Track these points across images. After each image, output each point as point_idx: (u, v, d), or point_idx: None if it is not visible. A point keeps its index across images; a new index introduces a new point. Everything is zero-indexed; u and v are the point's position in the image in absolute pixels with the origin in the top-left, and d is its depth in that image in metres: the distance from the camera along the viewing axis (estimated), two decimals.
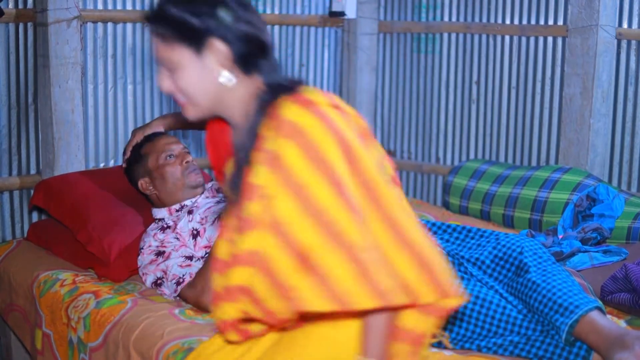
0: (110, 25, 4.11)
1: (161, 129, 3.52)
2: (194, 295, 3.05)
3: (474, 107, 4.69)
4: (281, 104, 1.99)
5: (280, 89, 2.05)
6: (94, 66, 4.08)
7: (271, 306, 1.99)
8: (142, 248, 3.25)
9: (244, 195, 2.01)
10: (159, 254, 3.20)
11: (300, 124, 1.94)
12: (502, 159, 4.57)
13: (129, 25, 4.17)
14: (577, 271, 3.14)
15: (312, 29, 4.89)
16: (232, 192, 2.08)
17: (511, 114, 4.52)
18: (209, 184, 3.54)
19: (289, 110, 1.97)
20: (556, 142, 4.33)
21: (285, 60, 4.79)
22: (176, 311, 3.00)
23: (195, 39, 2.02)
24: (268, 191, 1.96)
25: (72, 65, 3.87)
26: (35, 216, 4.02)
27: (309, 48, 4.88)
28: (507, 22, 4.49)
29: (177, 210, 3.36)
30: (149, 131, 3.48)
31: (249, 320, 2.12)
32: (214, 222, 3.28)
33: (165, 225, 3.32)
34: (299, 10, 4.75)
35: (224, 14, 2.02)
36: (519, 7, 4.43)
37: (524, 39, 4.42)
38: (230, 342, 2.21)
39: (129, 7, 4.16)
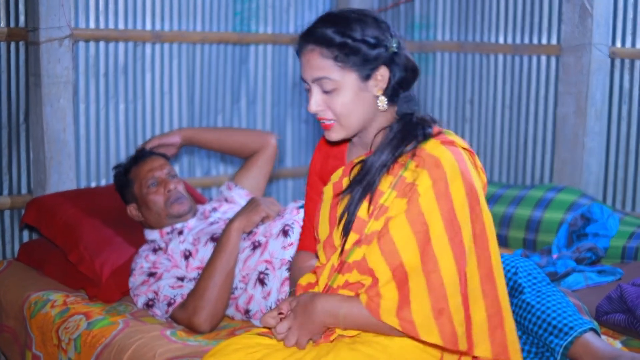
0: (102, 44, 4.10)
1: (177, 140, 3.52)
2: (186, 316, 3.03)
3: (467, 126, 4.68)
4: (426, 139, 2.17)
5: (419, 121, 2.21)
6: (85, 85, 4.07)
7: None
8: (134, 269, 3.22)
9: (360, 208, 2.18)
10: (151, 274, 3.18)
11: (441, 159, 2.11)
12: (495, 178, 4.56)
13: (121, 44, 4.16)
14: (572, 291, 3.12)
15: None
16: (347, 192, 2.23)
17: (505, 133, 4.52)
18: (203, 207, 3.50)
19: (433, 146, 2.14)
20: (550, 161, 4.32)
21: (279, 80, 4.79)
22: (168, 332, 2.98)
23: (367, 67, 2.16)
24: (391, 213, 2.13)
25: (63, 84, 3.86)
26: (26, 236, 3.99)
27: None
28: (501, 41, 4.49)
29: (169, 233, 3.34)
30: (165, 140, 3.48)
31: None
32: (206, 243, 3.26)
33: (157, 247, 3.29)
34: (292, 29, 4.74)
35: (395, 44, 2.18)
36: (512, 26, 4.44)
37: (517, 58, 4.42)
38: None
39: (121, 26, 4.16)
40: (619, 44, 4.06)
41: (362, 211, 2.19)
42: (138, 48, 4.23)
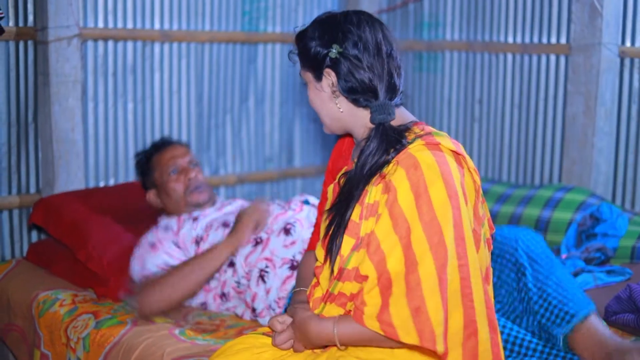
0: (110, 43, 4.10)
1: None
2: (142, 296, 3.10)
3: (476, 125, 4.67)
4: (412, 140, 2.21)
5: (394, 133, 2.24)
6: (94, 84, 4.07)
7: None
8: (139, 243, 3.31)
9: (352, 207, 2.21)
10: (152, 246, 3.24)
11: (419, 161, 2.13)
12: (504, 177, 4.55)
13: (130, 43, 4.16)
14: None
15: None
16: (333, 209, 2.27)
17: (514, 133, 4.51)
18: (222, 200, 3.53)
19: (416, 148, 2.17)
20: (559, 161, 4.31)
21: (287, 79, 4.79)
22: (176, 331, 3.00)
23: (314, 66, 2.32)
24: (380, 210, 2.15)
25: (72, 83, 3.86)
26: (34, 236, 3.99)
27: None
28: (510, 40, 4.48)
29: (185, 220, 3.37)
30: None
31: None
32: (217, 228, 3.27)
33: (168, 227, 3.33)
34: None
35: (333, 50, 2.26)
36: (521, 25, 4.42)
37: (526, 57, 4.40)
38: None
39: (129, 25, 4.16)
40: (628, 44, 4.04)
41: (354, 214, 2.21)
42: (147, 47, 4.23)
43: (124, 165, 4.21)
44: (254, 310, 3.12)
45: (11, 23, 3.82)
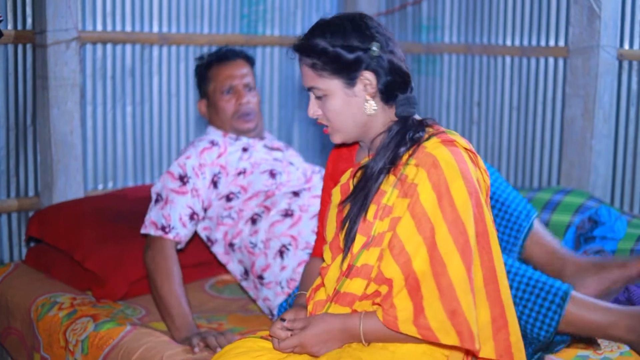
0: (109, 46, 4.10)
1: None
2: (147, 249, 3.16)
3: (475, 128, 4.67)
4: (427, 138, 2.21)
5: (416, 124, 2.25)
6: (93, 88, 4.07)
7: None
8: (181, 155, 3.27)
9: (367, 209, 2.20)
10: (182, 178, 3.21)
11: (438, 159, 2.13)
12: None
13: (128, 47, 4.17)
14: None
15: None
16: (350, 200, 2.25)
17: (512, 136, 4.51)
18: (271, 139, 3.52)
19: (433, 145, 2.18)
20: (557, 164, 4.31)
21: (286, 82, 4.79)
22: None
23: (348, 72, 2.21)
24: (396, 213, 2.16)
25: (71, 86, 3.86)
26: (33, 239, 3.99)
27: None
28: (508, 43, 4.48)
29: (232, 139, 3.35)
30: None
31: None
32: (263, 172, 3.25)
33: (215, 142, 3.31)
34: (298, 32, 4.74)
35: (375, 48, 2.21)
36: (519, 28, 4.42)
37: (524, 60, 4.40)
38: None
39: (128, 28, 4.16)
40: (626, 46, 4.04)
41: (369, 212, 2.20)
42: (145, 50, 4.23)
43: (122, 169, 4.21)
44: (260, 277, 3.10)
45: (10, 26, 3.82)
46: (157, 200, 3.23)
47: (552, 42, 4.29)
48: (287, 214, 3.15)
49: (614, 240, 3.55)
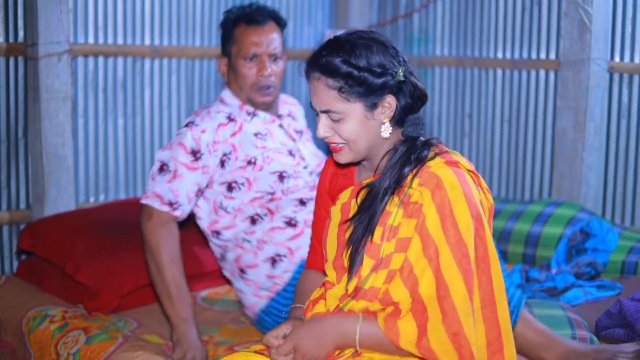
0: (101, 59, 4.10)
1: None
2: (148, 220, 3.03)
3: (466, 140, 4.68)
4: (431, 158, 2.19)
5: (422, 145, 2.23)
6: (84, 100, 4.07)
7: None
8: (192, 122, 3.12)
9: (373, 230, 2.18)
10: (194, 153, 3.09)
11: (442, 179, 2.12)
12: (494, 192, 4.56)
13: (120, 59, 4.16)
14: (572, 306, 3.12)
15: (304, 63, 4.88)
16: (355, 220, 2.22)
17: (504, 148, 4.52)
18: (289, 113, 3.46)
19: (437, 165, 2.16)
20: (549, 176, 4.32)
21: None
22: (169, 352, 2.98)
23: (373, 96, 2.17)
24: (402, 234, 2.15)
25: (62, 99, 3.86)
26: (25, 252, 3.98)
27: (301, 82, 4.87)
28: (500, 56, 4.50)
29: (249, 114, 3.26)
30: None
31: None
32: (272, 173, 3.20)
33: (233, 118, 3.19)
34: (290, 44, 4.75)
35: (401, 72, 2.17)
36: (510, 41, 4.44)
37: (516, 73, 4.42)
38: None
39: (119, 41, 4.16)
40: (617, 59, 4.06)
41: (375, 235, 2.19)
42: (137, 63, 4.23)
43: (114, 181, 4.20)
44: (242, 271, 3.07)
45: (1, 39, 3.81)
46: (162, 170, 3.07)
47: (543, 55, 4.30)
48: (291, 223, 3.10)
49: (605, 252, 3.56)
